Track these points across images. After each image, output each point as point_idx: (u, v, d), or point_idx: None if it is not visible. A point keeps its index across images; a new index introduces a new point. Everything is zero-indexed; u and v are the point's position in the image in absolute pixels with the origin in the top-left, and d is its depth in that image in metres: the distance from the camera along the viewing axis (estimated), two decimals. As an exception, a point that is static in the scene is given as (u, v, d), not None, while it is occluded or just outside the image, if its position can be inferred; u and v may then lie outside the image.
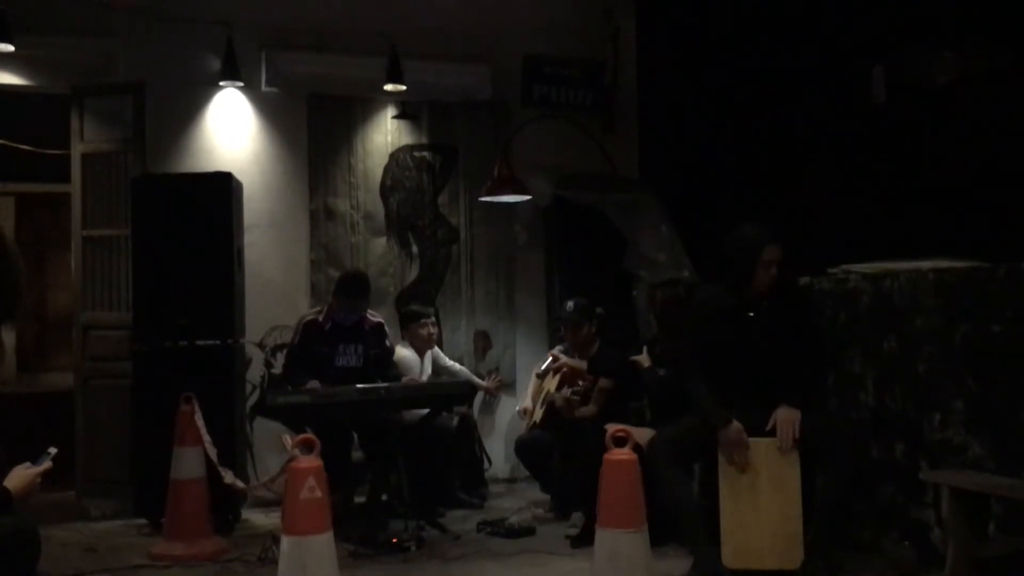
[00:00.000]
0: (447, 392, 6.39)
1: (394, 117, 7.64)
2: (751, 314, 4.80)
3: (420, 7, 7.55)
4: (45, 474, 3.42)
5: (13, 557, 3.20)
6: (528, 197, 7.34)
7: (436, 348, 7.13)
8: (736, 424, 4.61)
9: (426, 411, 6.29)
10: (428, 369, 6.96)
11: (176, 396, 5.67)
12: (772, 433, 4.60)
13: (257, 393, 6.89)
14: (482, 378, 7.52)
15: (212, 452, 5.45)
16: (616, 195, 7.49)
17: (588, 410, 6.05)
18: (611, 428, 4.32)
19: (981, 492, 4.23)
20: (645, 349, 5.96)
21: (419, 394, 6.19)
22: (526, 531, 5.89)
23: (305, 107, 7.44)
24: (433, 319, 7.11)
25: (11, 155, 8.25)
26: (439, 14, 7.57)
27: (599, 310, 6.46)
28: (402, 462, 5.81)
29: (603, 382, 6.09)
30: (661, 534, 4.70)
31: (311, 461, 3.99)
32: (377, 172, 7.61)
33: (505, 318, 7.88)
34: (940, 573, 4.35)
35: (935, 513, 4.61)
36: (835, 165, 6.50)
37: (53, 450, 3.51)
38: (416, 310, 7.00)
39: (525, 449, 6.66)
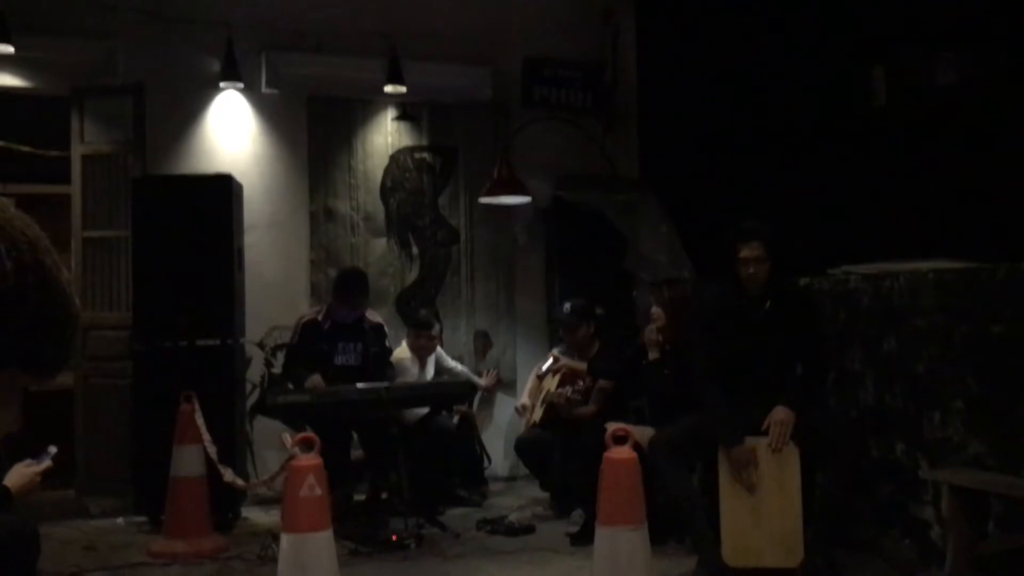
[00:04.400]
0: (447, 391, 6.39)
1: (394, 119, 7.64)
2: (752, 315, 4.81)
3: (420, 9, 7.55)
4: (45, 473, 3.43)
5: (13, 555, 3.21)
6: (528, 198, 7.34)
7: (439, 349, 7.13)
8: (747, 445, 4.60)
9: (426, 410, 6.30)
10: (430, 372, 6.94)
11: (176, 395, 5.66)
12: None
13: (257, 392, 6.90)
14: (481, 377, 7.51)
15: (212, 451, 5.45)
16: (616, 195, 7.49)
17: (587, 409, 6.05)
18: (611, 427, 4.32)
19: (981, 490, 4.24)
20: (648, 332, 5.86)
21: (419, 393, 6.20)
22: (526, 529, 5.89)
23: (305, 109, 7.43)
24: (435, 332, 7.06)
25: (11, 157, 8.25)
26: (439, 16, 7.56)
27: (599, 310, 6.46)
28: (402, 460, 5.81)
29: (602, 382, 6.09)
30: (661, 532, 4.70)
31: (311, 459, 3.99)
32: (377, 173, 7.61)
33: (505, 318, 7.87)
34: (940, 571, 4.35)
35: (935, 511, 4.61)
36: (835, 165, 6.51)
37: (53, 449, 3.52)
38: (421, 320, 6.95)
39: (525, 448, 6.66)
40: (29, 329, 1.11)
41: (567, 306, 6.46)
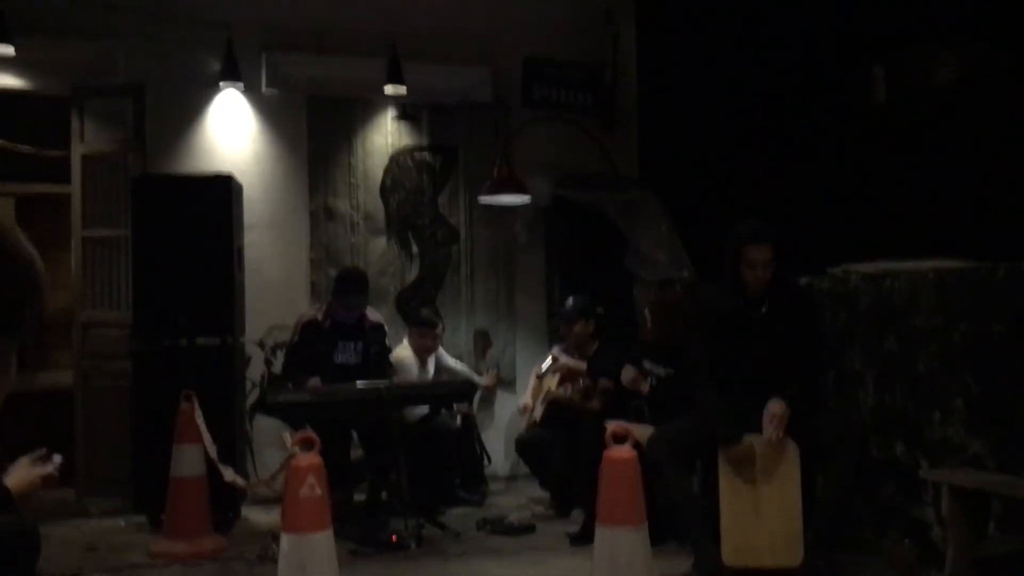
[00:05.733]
0: (447, 390, 6.40)
1: (394, 118, 7.64)
2: (751, 315, 4.80)
3: (420, 9, 7.55)
4: (47, 478, 3.39)
5: (13, 555, 3.20)
6: (528, 197, 7.34)
7: (440, 348, 7.13)
8: (747, 443, 4.60)
9: (426, 410, 6.30)
10: (431, 371, 6.94)
11: (176, 395, 5.66)
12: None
13: (257, 391, 6.90)
14: (481, 376, 7.51)
15: (212, 450, 5.45)
16: (616, 195, 7.49)
17: (593, 404, 6.06)
18: (611, 426, 4.32)
19: (981, 490, 4.23)
20: (642, 366, 5.86)
21: (419, 392, 6.20)
22: (526, 529, 5.89)
23: (305, 108, 7.44)
24: (438, 330, 7.06)
25: (11, 156, 8.25)
26: (439, 16, 7.57)
27: (600, 309, 6.47)
28: (402, 460, 5.81)
29: (603, 382, 6.10)
30: (661, 532, 4.70)
31: (311, 459, 3.98)
32: (377, 173, 7.62)
33: (505, 318, 7.88)
34: (940, 572, 4.35)
35: (935, 512, 4.61)
36: (835, 165, 6.50)
37: (58, 458, 3.46)
38: (425, 319, 6.96)
39: (525, 447, 6.67)
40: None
41: (569, 301, 6.49)
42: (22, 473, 3.34)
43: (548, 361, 6.74)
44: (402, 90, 7.27)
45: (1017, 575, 4.17)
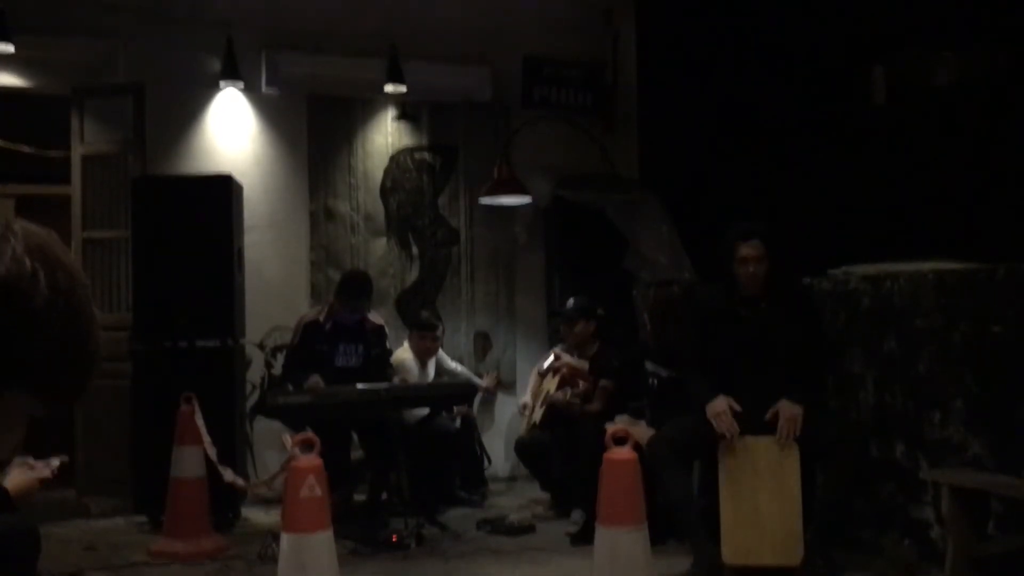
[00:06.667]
0: (447, 392, 6.39)
1: (394, 118, 7.64)
2: (749, 314, 4.81)
3: (420, 8, 7.55)
4: (44, 481, 3.38)
5: (13, 555, 3.20)
6: (528, 198, 7.34)
7: (440, 351, 7.12)
8: (723, 397, 4.61)
9: (426, 411, 6.30)
10: (431, 373, 6.94)
11: (176, 396, 5.66)
12: (771, 426, 4.60)
13: (257, 393, 6.89)
14: (481, 378, 7.51)
15: (212, 451, 5.45)
16: (616, 195, 7.48)
17: (593, 406, 6.06)
18: (611, 428, 4.32)
19: (981, 491, 4.24)
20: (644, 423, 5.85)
21: (419, 394, 6.20)
22: (526, 529, 5.89)
23: (305, 108, 7.43)
24: (438, 333, 7.06)
25: (11, 157, 8.24)
26: (439, 15, 7.56)
27: (600, 310, 6.47)
28: (402, 461, 5.81)
29: (604, 383, 6.10)
30: (661, 532, 4.70)
31: (311, 460, 3.99)
32: (377, 173, 7.61)
33: (505, 319, 7.88)
34: (940, 572, 4.35)
35: (935, 512, 4.61)
36: (835, 165, 6.50)
37: (55, 461, 3.44)
38: (425, 322, 6.95)
39: (525, 449, 6.66)
40: (47, 353, 1.11)
41: (570, 301, 6.50)
42: (20, 475, 3.34)
43: (551, 358, 6.74)
44: (402, 89, 7.26)
45: (1017, 575, 4.17)
